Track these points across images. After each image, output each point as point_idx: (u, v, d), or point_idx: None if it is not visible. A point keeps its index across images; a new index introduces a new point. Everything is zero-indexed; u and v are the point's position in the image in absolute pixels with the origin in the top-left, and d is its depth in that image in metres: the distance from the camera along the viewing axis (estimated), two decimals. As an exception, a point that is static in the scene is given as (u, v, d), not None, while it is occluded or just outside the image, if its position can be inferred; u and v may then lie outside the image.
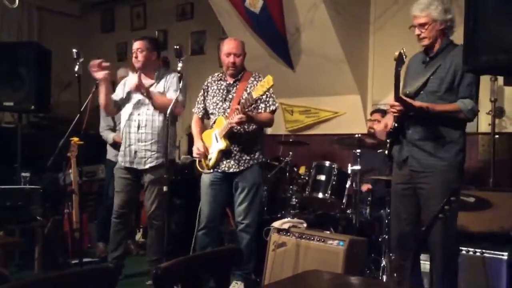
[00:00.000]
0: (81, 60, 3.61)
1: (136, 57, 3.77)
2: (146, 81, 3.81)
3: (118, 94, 3.93)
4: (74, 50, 3.60)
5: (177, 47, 3.29)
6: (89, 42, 7.35)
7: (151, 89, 3.77)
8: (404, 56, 2.72)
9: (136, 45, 3.78)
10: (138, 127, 3.77)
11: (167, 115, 3.31)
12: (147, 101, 3.74)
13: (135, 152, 3.78)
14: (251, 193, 3.56)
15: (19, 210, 3.92)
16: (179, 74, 3.76)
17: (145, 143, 3.77)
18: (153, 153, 3.77)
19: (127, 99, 3.87)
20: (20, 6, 4.31)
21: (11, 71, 4.59)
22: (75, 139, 4.10)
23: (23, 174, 4.43)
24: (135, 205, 3.99)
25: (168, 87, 3.79)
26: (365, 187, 4.28)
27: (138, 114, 3.79)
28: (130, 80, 3.90)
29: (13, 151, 4.67)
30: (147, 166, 3.78)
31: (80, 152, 4.16)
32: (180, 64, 3.30)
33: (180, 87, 3.49)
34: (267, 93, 3.50)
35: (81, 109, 3.60)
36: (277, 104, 3.62)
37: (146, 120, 3.77)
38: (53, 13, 7.46)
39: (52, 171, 4.84)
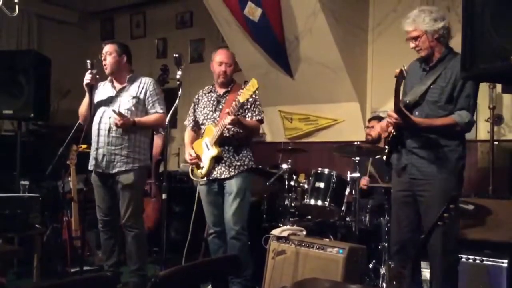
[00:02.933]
0: (94, 71, 3.63)
1: (105, 60, 3.76)
2: (117, 85, 3.82)
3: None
4: (88, 61, 3.62)
5: (177, 55, 3.32)
6: (89, 50, 7.35)
7: (124, 94, 3.76)
8: (405, 72, 2.72)
9: (105, 48, 3.78)
10: (109, 131, 3.71)
11: (165, 129, 3.33)
12: (117, 104, 3.73)
13: (103, 155, 3.72)
14: (238, 198, 3.56)
15: (18, 218, 3.90)
16: (154, 81, 3.84)
17: (114, 147, 3.70)
18: (122, 157, 3.70)
19: (98, 104, 3.82)
20: (19, 15, 4.32)
21: (11, 79, 4.59)
22: (83, 146, 4.07)
23: (22, 182, 4.42)
24: (118, 211, 3.89)
25: (151, 100, 3.77)
26: (362, 182, 4.24)
27: (109, 117, 3.72)
28: (101, 87, 3.88)
29: (12, 159, 4.66)
30: (114, 171, 3.70)
31: (82, 160, 4.14)
32: (179, 72, 3.31)
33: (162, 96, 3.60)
34: (254, 103, 3.59)
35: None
36: (263, 115, 3.68)
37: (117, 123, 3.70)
38: (53, 22, 7.48)
39: (51, 179, 4.83)
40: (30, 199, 4.05)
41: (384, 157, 3.11)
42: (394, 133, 2.96)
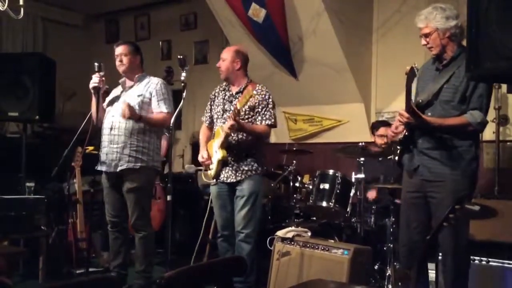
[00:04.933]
0: (101, 73, 3.62)
1: (121, 61, 3.74)
2: (128, 84, 3.79)
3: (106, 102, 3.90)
4: (96, 64, 3.61)
5: (181, 56, 3.31)
6: (93, 52, 7.39)
7: (130, 92, 3.73)
8: (415, 70, 2.69)
9: (119, 50, 3.75)
10: (111, 129, 3.69)
11: (170, 130, 3.29)
12: (121, 104, 3.68)
13: (106, 154, 3.70)
14: (249, 202, 3.52)
15: (23, 220, 3.92)
16: (163, 81, 3.81)
17: (116, 146, 3.66)
18: (124, 156, 3.64)
19: (108, 104, 3.82)
20: (25, 17, 4.32)
21: (16, 81, 4.61)
22: (90, 147, 4.07)
23: (28, 184, 4.44)
24: (127, 212, 3.82)
25: (157, 100, 3.71)
26: (371, 194, 4.25)
27: (113, 116, 3.71)
28: (115, 90, 3.87)
29: (18, 161, 4.68)
30: (117, 170, 3.66)
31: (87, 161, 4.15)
32: (183, 74, 3.30)
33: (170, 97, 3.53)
34: (266, 106, 3.54)
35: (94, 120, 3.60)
36: (273, 120, 3.58)
37: (119, 122, 3.67)
38: (58, 24, 7.52)
39: (57, 181, 4.85)
40: (36, 201, 4.07)
41: (396, 158, 3.08)
42: (406, 133, 2.93)
